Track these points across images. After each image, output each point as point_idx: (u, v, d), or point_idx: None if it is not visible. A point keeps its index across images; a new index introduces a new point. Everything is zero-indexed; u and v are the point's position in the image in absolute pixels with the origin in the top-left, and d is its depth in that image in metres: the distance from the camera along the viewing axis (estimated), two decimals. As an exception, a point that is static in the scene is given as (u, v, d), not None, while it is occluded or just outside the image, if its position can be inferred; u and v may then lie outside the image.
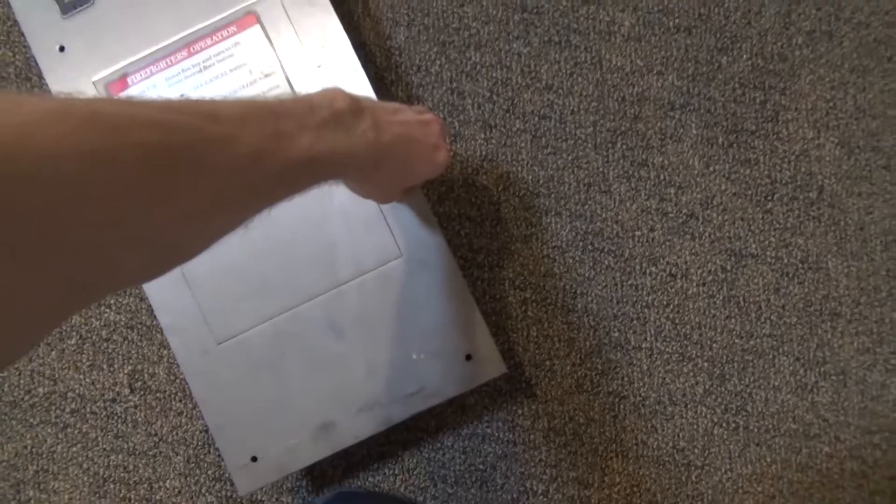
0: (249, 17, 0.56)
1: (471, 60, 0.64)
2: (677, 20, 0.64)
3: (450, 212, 0.63)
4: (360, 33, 0.64)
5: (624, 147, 0.63)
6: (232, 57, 0.56)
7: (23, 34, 0.59)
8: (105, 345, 0.63)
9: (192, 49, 0.56)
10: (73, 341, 0.63)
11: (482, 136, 0.63)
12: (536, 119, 0.63)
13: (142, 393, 0.62)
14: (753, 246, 0.63)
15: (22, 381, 0.63)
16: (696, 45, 0.64)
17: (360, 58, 0.55)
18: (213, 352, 0.54)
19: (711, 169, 0.63)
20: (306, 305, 0.54)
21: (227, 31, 0.56)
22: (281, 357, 0.54)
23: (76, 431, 0.63)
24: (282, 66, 0.55)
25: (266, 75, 0.55)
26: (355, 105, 0.39)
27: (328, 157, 0.35)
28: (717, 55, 0.63)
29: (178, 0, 0.56)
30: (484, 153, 0.63)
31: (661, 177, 0.63)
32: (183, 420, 0.62)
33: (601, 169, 0.63)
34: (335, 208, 0.55)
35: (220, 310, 0.55)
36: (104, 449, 0.62)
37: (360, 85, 0.55)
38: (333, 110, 0.37)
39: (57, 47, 0.56)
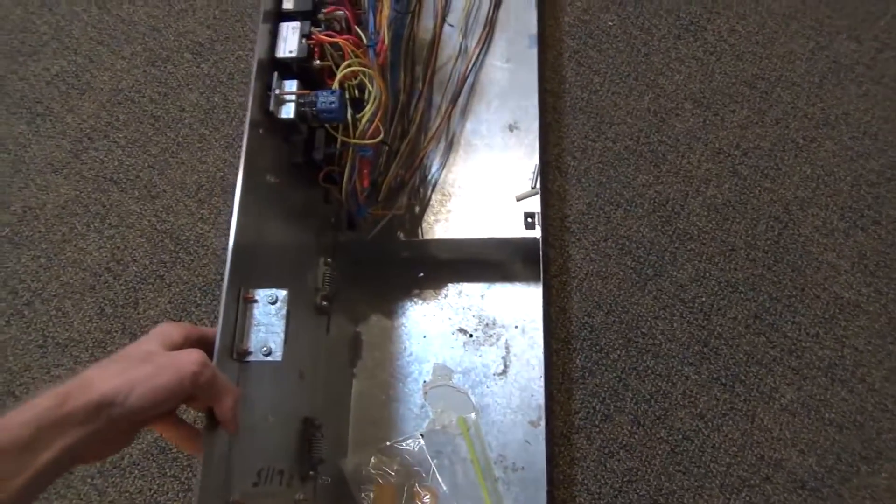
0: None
1: (645, 363, 0.74)
2: (834, 415, 0.71)
3: (574, 475, 0.70)
4: (565, 299, 0.77)
5: (747, 499, 0.69)
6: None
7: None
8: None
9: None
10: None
11: (628, 428, 0.72)
12: (680, 437, 0.71)
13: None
14: None
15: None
16: (843, 444, 0.70)
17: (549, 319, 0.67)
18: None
19: (819, 559, 0.67)
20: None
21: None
22: None
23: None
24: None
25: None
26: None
27: None
28: (859, 462, 0.69)
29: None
30: (624, 443, 0.71)
31: (771, 543, 0.67)
32: None
33: (719, 508, 0.69)
34: None
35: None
36: None
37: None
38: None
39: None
